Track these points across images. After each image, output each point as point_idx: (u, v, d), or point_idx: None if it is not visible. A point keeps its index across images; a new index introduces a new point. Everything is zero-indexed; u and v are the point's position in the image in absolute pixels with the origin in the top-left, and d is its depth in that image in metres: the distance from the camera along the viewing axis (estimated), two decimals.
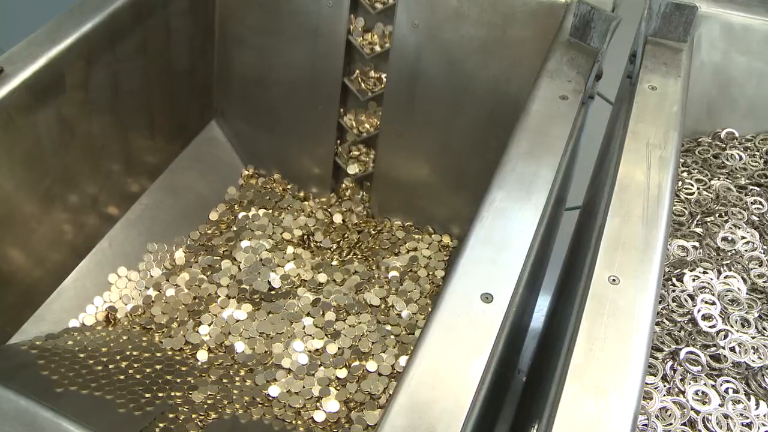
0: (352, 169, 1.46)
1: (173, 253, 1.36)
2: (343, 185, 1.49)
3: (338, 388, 1.18)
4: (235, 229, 1.42)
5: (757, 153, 1.20)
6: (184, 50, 1.36)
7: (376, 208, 1.48)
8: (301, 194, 1.51)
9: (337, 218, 1.47)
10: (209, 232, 1.42)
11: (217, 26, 1.42)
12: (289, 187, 1.52)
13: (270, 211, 1.47)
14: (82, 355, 1.09)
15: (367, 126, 1.41)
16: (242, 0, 1.38)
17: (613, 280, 0.73)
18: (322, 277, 1.34)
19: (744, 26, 1.18)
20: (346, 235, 1.44)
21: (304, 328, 1.25)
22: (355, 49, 1.35)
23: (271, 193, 1.50)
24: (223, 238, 1.41)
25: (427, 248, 1.40)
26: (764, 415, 0.79)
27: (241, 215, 1.45)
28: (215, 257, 1.37)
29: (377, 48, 1.33)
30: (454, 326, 0.69)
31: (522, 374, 1.63)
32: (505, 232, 0.78)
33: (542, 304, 1.57)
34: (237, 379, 1.17)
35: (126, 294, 1.27)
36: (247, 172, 1.54)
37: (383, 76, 1.36)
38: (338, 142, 1.45)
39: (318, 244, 1.42)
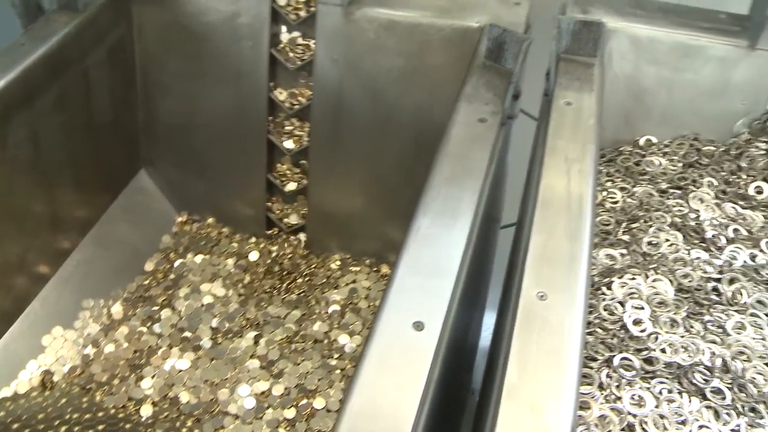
0: (292, 219, 1.46)
1: (110, 307, 1.34)
2: (277, 225, 1.49)
3: (287, 428, 1.17)
4: (172, 277, 1.40)
5: (675, 157, 1.23)
6: (105, 101, 1.34)
7: (312, 244, 1.48)
8: (237, 236, 1.50)
9: (275, 257, 1.46)
10: (146, 282, 1.40)
11: (138, 75, 1.41)
12: (224, 230, 1.51)
13: (207, 256, 1.45)
14: (16, 426, 1.05)
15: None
16: (162, 47, 1.38)
17: (541, 296, 0.74)
18: (263, 317, 1.33)
19: (650, 38, 1.22)
20: (284, 274, 1.43)
21: (248, 371, 1.23)
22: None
23: (207, 238, 1.49)
24: (161, 287, 1.39)
25: (366, 279, 1.40)
26: (697, 411, 0.81)
27: (177, 263, 1.43)
28: (154, 307, 1.34)
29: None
30: (387, 357, 0.69)
31: (476, 394, 1.64)
32: (433, 259, 0.78)
33: (489, 322, 1.59)
34: (184, 430, 1.15)
35: (62, 355, 1.24)
36: (180, 219, 1.52)
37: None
38: (269, 176, 1.45)
39: (257, 285, 1.41)
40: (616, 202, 1.11)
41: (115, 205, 1.43)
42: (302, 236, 1.48)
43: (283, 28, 1.33)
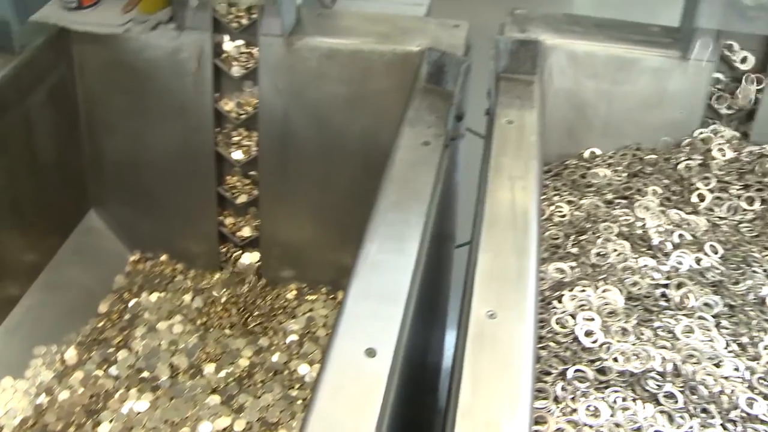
0: (247, 231, 1.45)
1: (63, 353, 1.31)
2: (231, 258, 1.48)
3: None
4: (127, 317, 1.39)
5: (619, 168, 1.26)
6: (49, 142, 1.33)
7: (268, 275, 1.47)
8: (192, 272, 1.49)
9: (231, 290, 1.45)
10: (100, 325, 1.38)
11: (82, 114, 1.39)
12: (178, 266, 1.49)
13: (162, 293, 1.44)
14: None
15: (246, 193, 1.41)
16: (105, 85, 1.37)
17: (491, 314, 0.75)
18: (222, 351, 1.32)
19: (587, 53, 1.25)
20: (240, 306, 1.42)
21: (209, 408, 1.22)
22: (225, 118, 1.35)
23: (161, 275, 1.47)
24: (116, 328, 1.37)
25: (323, 307, 1.40)
26: (651, 416, 0.82)
27: (132, 302, 1.41)
28: (110, 349, 1.32)
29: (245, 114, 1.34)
30: (341, 385, 0.69)
31: (441, 414, 1.64)
32: (383, 285, 0.79)
33: (452, 341, 1.60)
34: None
35: (13, 407, 1.21)
36: (133, 258, 1.50)
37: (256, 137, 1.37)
38: (220, 212, 1.44)
39: (215, 319, 1.40)
40: (564, 216, 1.13)
41: (64, 248, 1.41)
42: (256, 262, 1.47)
43: (226, 37, 1.31)
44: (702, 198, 1.20)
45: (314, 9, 1.40)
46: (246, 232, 1.44)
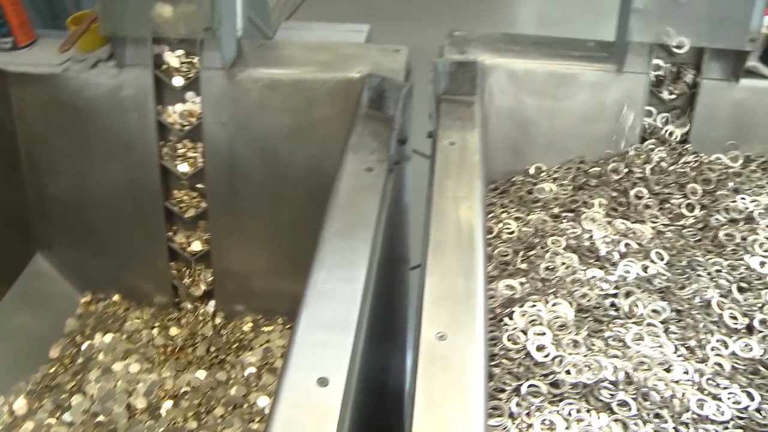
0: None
1: (12, 403, 1.28)
2: (185, 293, 1.46)
3: None
4: (80, 361, 1.36)
5: (565, 182, 1.28)
6: None
7: (222, 308, 1.46)
8: (146, 309, 1.47)
9: (186, 326, 1.43)
10: (52, 371, 1.35)
11: (23, 155, 1.37)
12: (131, 305, 1.47)
13: (116, 333, 1.41)
14: None
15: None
16: (46, 126, 1.35)
17: (441, 336, 0.75)
18: (179, 389, 1.30)
19: (526, 71, 1.28)
20: (197, 341, 1.40)
21: None
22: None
23: (114, 315, 1.45)
24: (68, 373, 1.34)
25: (280, 338, 1.39)
26: (606, 426, 0.83)
27: (85, 345, 1.39)
28: (63, 395, 1.29)
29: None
30: (295, 417, 0.69)
31: None
32: (332, 313, 0.79)
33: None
34: None
35: None
36: (84, 300, 1.48)
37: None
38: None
39: (171, 356, 1.38)
40: (512, 233, 1.15)
41: (11, 293, 1.38)
42: (212, 303, 1.46)
43: (165, 47, 1.30)
44: (646, 207, 1.23)
45: (255, 40, 1.41)
46: (197, 246, 1.42)
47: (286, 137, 1.26)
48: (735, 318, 1.03)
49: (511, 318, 0.94)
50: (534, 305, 0.97)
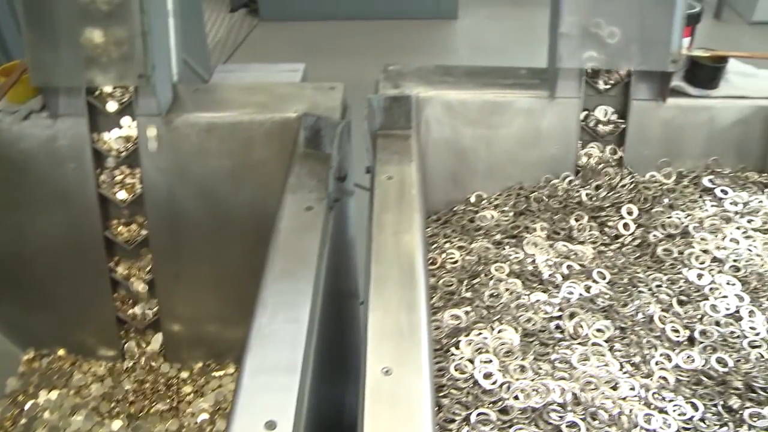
0: (139, 286, 1.41)
1: None
2: (133, 342, 1.43)
3: None
4: (24, 422, 1.32)
5: (506, 208, 1.30)
6: None
7: (171, 356, 1.43)
8: (93, 362, 1.43)
9: (136, 376, 1.40)
10: None
11: None
12: (78, 358, 1.44)
13: (63, 389, 1.38)
14: None
15: (140, 273, 1.38)
16: None
17: (386, 371, 0.75)
18: None
19: (460, 101, 1.30)
20: (148, 391, 1.38)
21: None
22: (109, 201, 1.32)
23: (60, 371, 1.41)
24: None
25: (232, 382, 1.37)
26: None
27: (29, 405, 1.35)
28: None
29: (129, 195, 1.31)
30: None
31: None
32: (277, 356, 0.78)
33: None
34: None
35: None
36: (27, 357, 1.44)
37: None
38: (115, 296, 1.40)
39: (122, 407, 1.35)
40: (455, 262, 1.16)
41: None
42: (158, 343, 1.43)
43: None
44: (586, 228, 1.25)
45: (191, 84, 1.41)
46: (140, 286, 1.40)
47: (226, 180, 1.25)
48: (677, 331, 1.06)
49: (457, 348, 0.95)
50: (480, 333, 0.98)
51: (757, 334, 1.05)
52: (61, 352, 1.44)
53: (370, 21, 4.07)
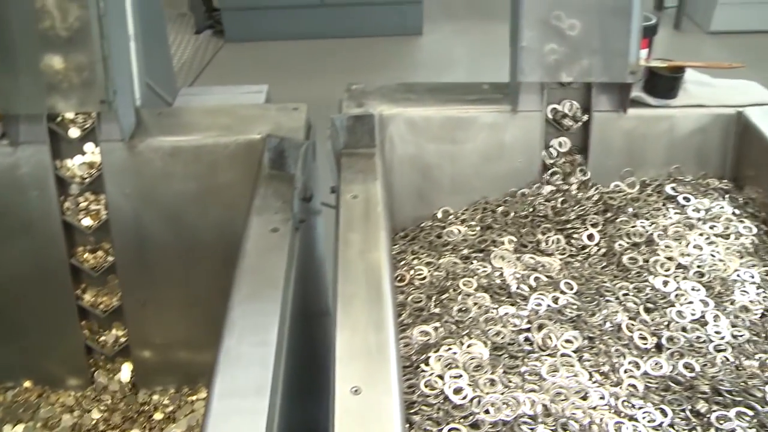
0: (109, 350, 1.39)
1: None
2: (102, 370, 1.42)
3: None
4: None
5: (473, 222, 1.31)
6: None
7: (143, 382, 1.42)
8: (61, 393, 1.41)
9: (107, 405, 1.39)
10: None
11: None
12: (45, 390, 1.41)
13: (29, 423, 1.35)
14: None
15: (107, 300, 1.37)
16: None
17: (355, 390, 0.75)
18: None
19: (424, 118, 1.31)
20: (119, 420, 1.36)
21: None
22: (74, 228, 1.31)
23: (26, 404, 1.39)
24: None
25: (204, 406, 1.36)
26: None
27: None
28: None
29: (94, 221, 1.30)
30: None
31: None
32: (246, 379, 0.78)
33: None
34: None
35: None
36: None
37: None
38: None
39: None
40: (424, 278, 1.16)
41: None
42: (129, 370, 1.41)
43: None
44: (552, 241, 1.27)
45: (155, 108, 1.40)
46: (105, 304, 1.38)
47: (192, 203, 1.25)
48: (644, 338, 1.07)
49: (427, 364, 0.95)
50: (449, 348, 0.98)
51: (722, 338, 1.07)
52: (27, 383, 1.42)
53: (336, 39, 4.08)
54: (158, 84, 1.67)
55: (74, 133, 1.26)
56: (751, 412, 0.93)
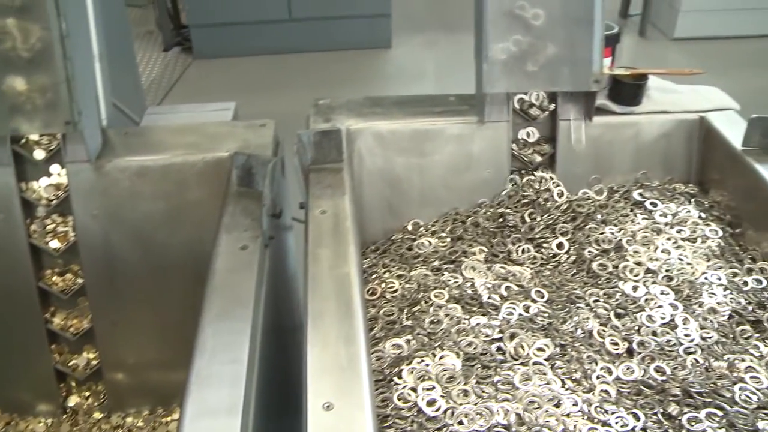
0: (81, 373, 1.38)
1: None
2: (74, 395, 1.40)
3: None
4: None
5: (443, 234, 1.32)
6: None
7: (116, 405, 1.40)
8: (30, 421, 1.39)
9: (78, 429, 1.37)
10: None
11: None
12: (12, 419, 1.39)
13: None
14: None
15: (77, 323, 1.35)
16: None
17: (327, 406, 0.75)
18: None
19: (391, 131, 1.32)
20: None
21: None
22: (42, 251, 1.29)
23: None
24: None
25: None
26: None
27: None
28: None
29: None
30: None
31: None
32: (218, 398, 0.77)
33: None
34: None
35: None
36: None
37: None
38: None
39: None
40: (395, 291, 1.16)
41: None
42: (101, 399, 1.39)
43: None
44: (522, 250, 1.28)
45: (121, 128, 1.39)
46: (75, 327, 1.35)
47: (161, 223, 1.24)
48: (616, 344, 1.08)
49: (400, 377, 0.95)
50: (422, 361, 0.98)
51: (692, 341, 1.08)
52: None
53: (306, 53, 4.09)
54: (125, 103, 1.66)
55: (39, 154, 1.25)
56: (720, 413, 0.94)
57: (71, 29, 1.16)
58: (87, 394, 1.40)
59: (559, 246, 1.28)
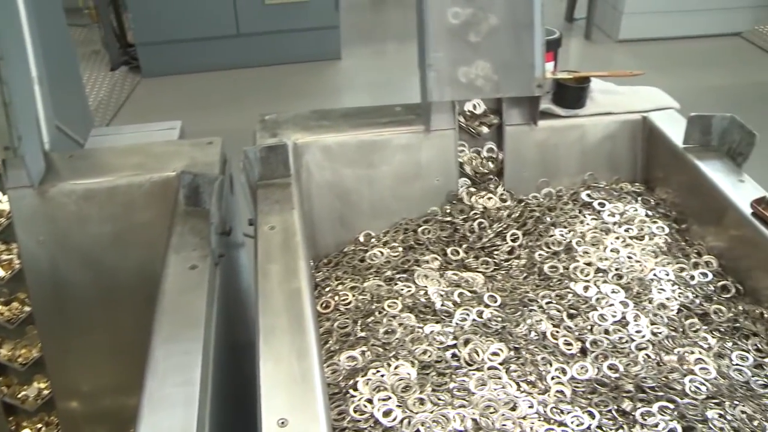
0: (31, 405, 1.35)
1: None
2: (24, 429, 1.37)
3: None
4: None
5: (395, 243, 1.32)
6: None
7: None
8: None
9: None
10: None
11: None
12: None
13: None
14: None
15: (26, 352, 1.32)
16: None
17: (282, 422, 0.75)
18: None
19: (338, 143, 1.32)
20: None
21: None
22: None
23: None
24: None
25: None
26: None
27: None
28: None
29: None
30: None
31: None
32: (170, 421, 0.77)
33: None
34: None
35: None
36: None
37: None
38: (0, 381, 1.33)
39: None
40: (349, 303, 1.16)
41: None
42: (55, 424, 1.37)
43: None
44: (475, 257, 1.29)
45: (66, 151, 1.37)
46: (24, 357, 1.33)
47: (110, 246, 1.22)
48: (569, 344, 1.10)
49: (355, 389, 0.95)
50: (377, 371, 0.98)
51: (643, 337, 1.10)
52: None
53: (255, 68, 4.07)
54: (70, 125, 1.63)
55: None
56: (672, 405, 0.96)
57: (7, 52, 1.14)
58: (39, 426, 1.37)
59: (510, 251, 1.29)
